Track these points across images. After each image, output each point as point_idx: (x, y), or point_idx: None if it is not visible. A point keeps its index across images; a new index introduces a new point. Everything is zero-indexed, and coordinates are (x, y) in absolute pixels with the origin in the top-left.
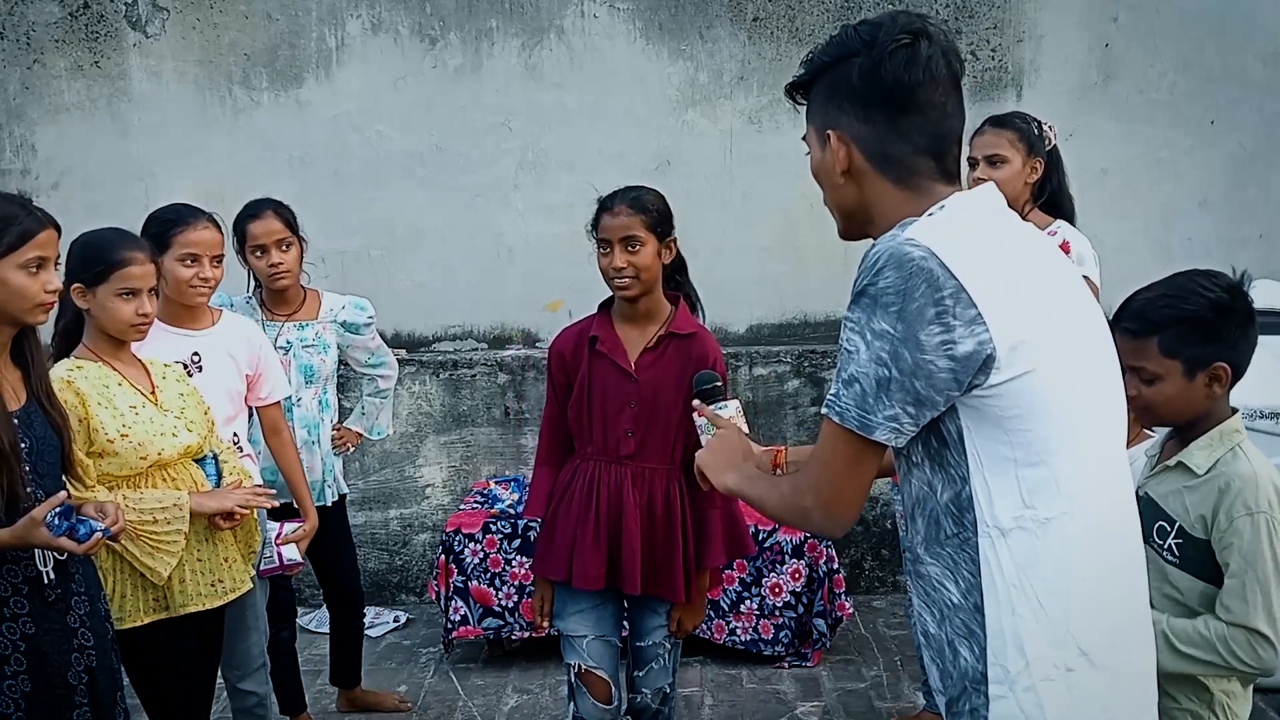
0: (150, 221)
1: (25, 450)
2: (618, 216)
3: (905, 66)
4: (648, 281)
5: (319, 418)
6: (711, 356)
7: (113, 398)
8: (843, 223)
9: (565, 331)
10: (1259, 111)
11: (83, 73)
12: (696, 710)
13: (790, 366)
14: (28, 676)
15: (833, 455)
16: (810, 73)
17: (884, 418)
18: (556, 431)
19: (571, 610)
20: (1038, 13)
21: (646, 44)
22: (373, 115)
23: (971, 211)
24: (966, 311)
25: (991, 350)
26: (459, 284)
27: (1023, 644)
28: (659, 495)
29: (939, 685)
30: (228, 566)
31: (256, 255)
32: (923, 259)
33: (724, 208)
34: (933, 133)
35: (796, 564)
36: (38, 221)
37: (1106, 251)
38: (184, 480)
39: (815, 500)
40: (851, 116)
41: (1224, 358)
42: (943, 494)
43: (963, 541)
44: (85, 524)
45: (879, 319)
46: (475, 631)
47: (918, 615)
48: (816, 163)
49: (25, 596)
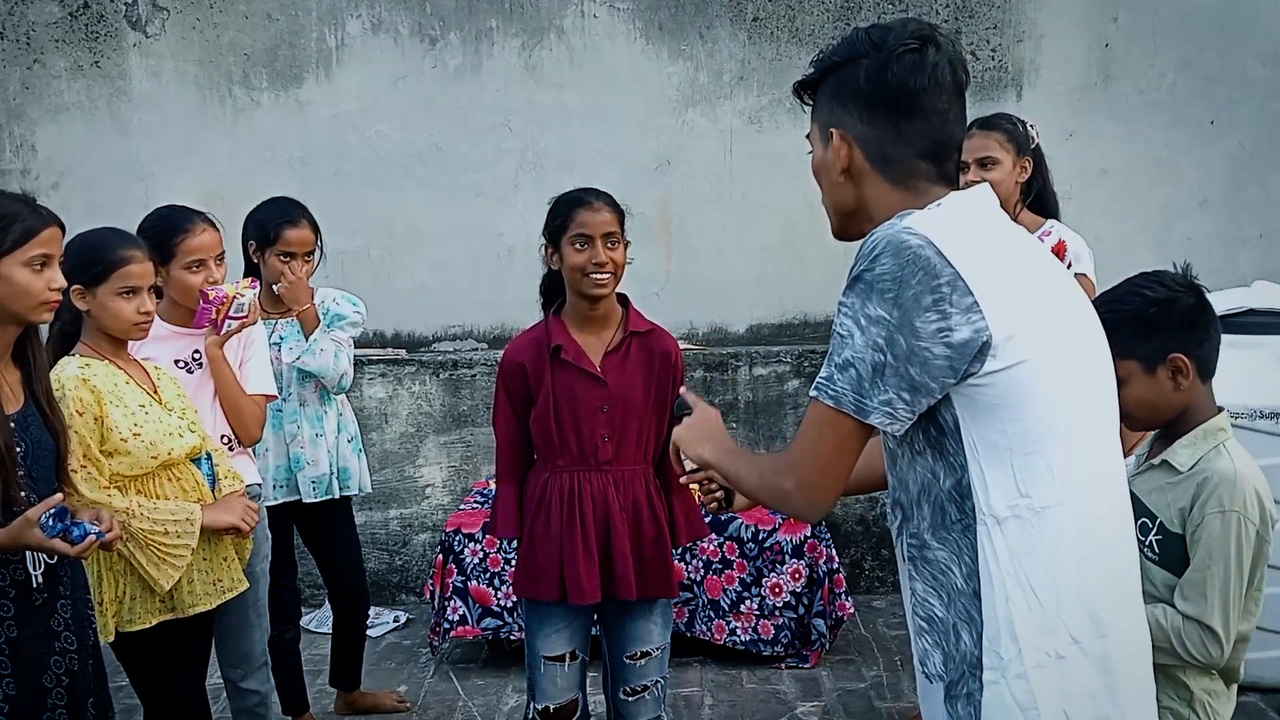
0: (146, 231)
1: (21, 454)
2: (599, 213)
3: (911, 71)
4: (619, 280)
5: (322, 410)
6: (674, 352)
7: (123, 396)
8: (838, 222)
9: (517, 343)
10: (1259, 111)
11: (83, 73)
12: (696, 710)
13: (790, 366)
14: (12, 680)
15: (819, 438)
16: (818, 72)
17: (879, 402)
18: (516, 446)
19: (548, 630)
20: (1038, 13)
21: (646, 44)
22: (373, 115)
23: (967, 208)
24: (963, 299)
25: (988, 338)
26: (459, 284)
27: (1015, 631)
28: (642, 498)
29: (940, 670)
30: (226, 566)
31: (282, 259)
32: (920, 247)
33: (724, 208)
34: (934, 138)
35: (796, 564)
36: (41, 219)
37: (1106, 251)
38: (188, 480)
39: (796, 482)
40: (855, 117)
41: (1177, 349)
42: (945, 481)
43: (965, 528)
44: (79, 526)
45: (874, 304)
46: (474, 631)
47: (920, 600)
48: (818, 161)
49: (11, 600)
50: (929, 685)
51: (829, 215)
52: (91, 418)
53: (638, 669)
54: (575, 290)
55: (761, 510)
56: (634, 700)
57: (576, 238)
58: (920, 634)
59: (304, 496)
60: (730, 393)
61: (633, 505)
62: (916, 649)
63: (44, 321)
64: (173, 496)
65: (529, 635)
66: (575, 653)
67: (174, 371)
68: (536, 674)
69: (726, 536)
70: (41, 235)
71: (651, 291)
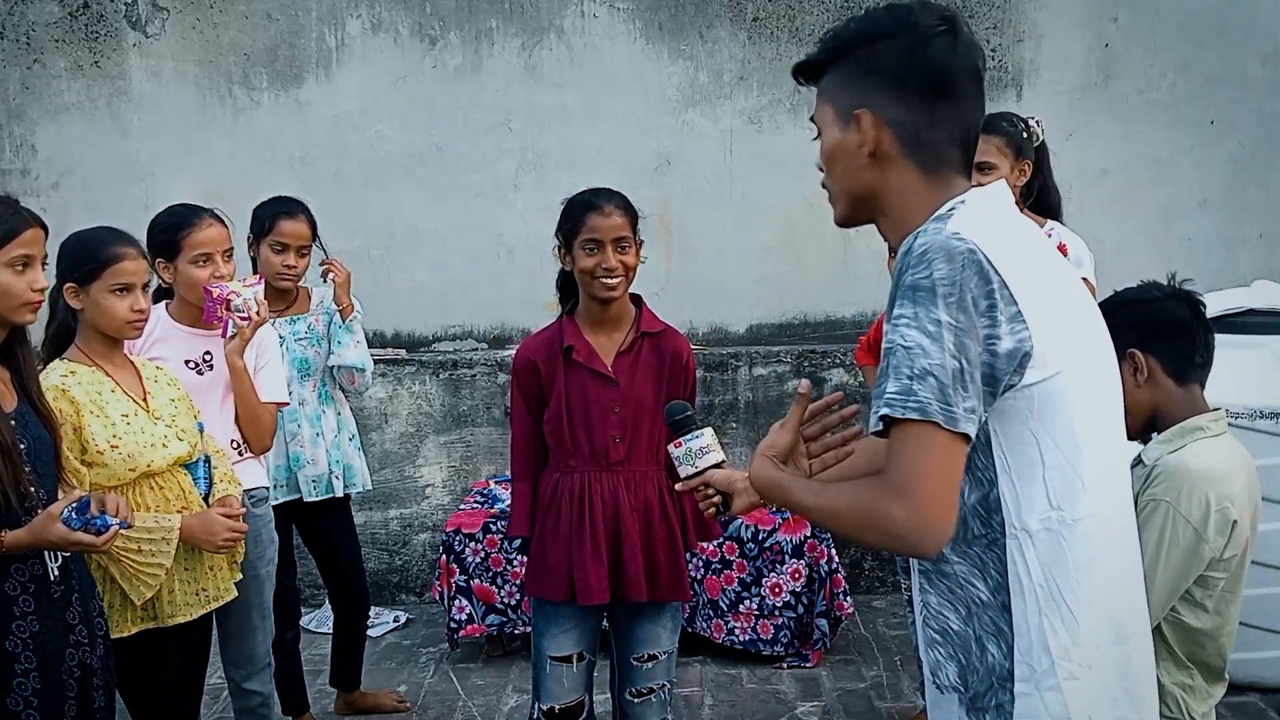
0: (155, 229)
1: (24, 451)
2: (610, 217)
3: (948, 52)
4: (631, 282)
5: (321, 409)
6: (685, 352)
7: (105, 405)
8: (847, 208)
9: (530, 342)
10: (1259, 111)
11: (83, 73)
12: (696, 710)
13: (790, 366)
14: (37, 674)
15: (919, 455)
16: (831, 53)
17: (964, 409)
18: (530, 445)
19: (556, 630)
20: (1038, 13)
21: (646, 44)
22: (373, 115)
23: (993, 210)
24: (1009, 308)
25: (1029, 348)
26: (459, 284)
27: (1048, 643)
28: (653, 499)
29: (955, 682)
30: (212, 575)
31: (275, 250)
32: (970, 252)
33: (724, 208)
34: (964, 122)
35: (796, 564)
36: (23, 220)
37: (1106, 251)
38: (171, 489)
39: (907, 508)
40: (887, 98)
41: (1134, 344)
42: (970, 495)
43: (990, 542)
44: (101, 519)
45: (940, 310)
46: (480, 629)
47: (935, 613)
48: (834, 143)
49: (31, 595)
50: (940, 695)
51: (836, 200)
52: (71, 429)
53: (645, 671)
54: (586, 293)
55: (761, 510)
56: (640, 702)
57: (587, 242)
58: (933, 645)
59: (304, 496)
60: (730, 393)
61: (644, 506)
62: (928, 660)
63: (27, 323)
64: (154, 506)
65: (536, 635)
66: (582, 654)
67: (183, 373)
68: (542, 674)
69: (727, 536)
70: (23, 236)
71: (652, 291)
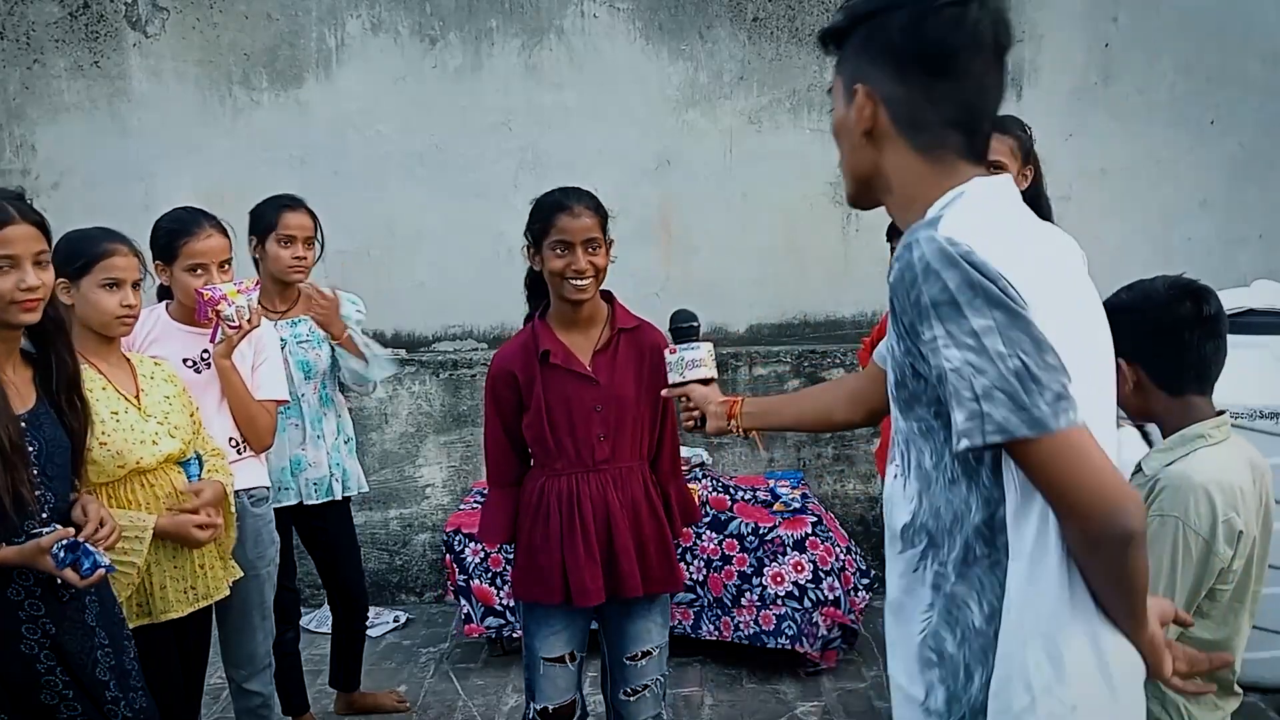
0: (157, 231)
1: (34, 453)
2: (580, 218)
3: (950, 27)
4: (601, 282)
5: (321, 412)
6: (663, 344)
7: (94, 403)
8: (855, 188)
9: (505, 351)
10: (1259, 112)
11: (83, 73)
12: (696, 710)
13: (790, 366)
14: (63, 669)
15: (1044, 475)
16: (849, 20)
17: (1048, 402)
18: (505, 452)
19: (547, 632)
20: (1037, 13)
21: (646, 44)
22: (373, 115)
23: (994, 204)
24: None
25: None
26: (459, 284)
27: (1030, 679)
28: (640, 494)
29: (941, 708)
30: (203, 573)
31: (282, 244)
32: (969, 253)
33: (724, 208)
34: (968, 104)
35: (798, 556)
36: (6, 216)
37: (1106, 251)
38: (162, 486)
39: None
40: (883, 73)
41: (1119, 353)
42: (976, 514)
43: (992, 564)
44: (90, 558)
45: (972, 318)
46: (480, 630)
47: (933, 631)
48: (839, 119)
49: (40, 598)
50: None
51: (845, 180)
52: None
53: (637, 669)
54: (556, 294)
55: (761, 510)
56: (634, 700)
57: (557, 243)
58: (929, 666)
59: (305, 498)
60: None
61: (632, 502)
62: (922, 681)
63: (23, 323)
64: (144, 503)
65: (528, 637)
66: (574, 654)
67: (182, 371)
68: (535, 675)
69: (726, 534)
70: (3, 234)
71: (651, 291)
